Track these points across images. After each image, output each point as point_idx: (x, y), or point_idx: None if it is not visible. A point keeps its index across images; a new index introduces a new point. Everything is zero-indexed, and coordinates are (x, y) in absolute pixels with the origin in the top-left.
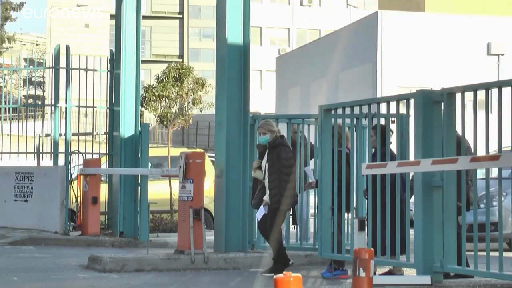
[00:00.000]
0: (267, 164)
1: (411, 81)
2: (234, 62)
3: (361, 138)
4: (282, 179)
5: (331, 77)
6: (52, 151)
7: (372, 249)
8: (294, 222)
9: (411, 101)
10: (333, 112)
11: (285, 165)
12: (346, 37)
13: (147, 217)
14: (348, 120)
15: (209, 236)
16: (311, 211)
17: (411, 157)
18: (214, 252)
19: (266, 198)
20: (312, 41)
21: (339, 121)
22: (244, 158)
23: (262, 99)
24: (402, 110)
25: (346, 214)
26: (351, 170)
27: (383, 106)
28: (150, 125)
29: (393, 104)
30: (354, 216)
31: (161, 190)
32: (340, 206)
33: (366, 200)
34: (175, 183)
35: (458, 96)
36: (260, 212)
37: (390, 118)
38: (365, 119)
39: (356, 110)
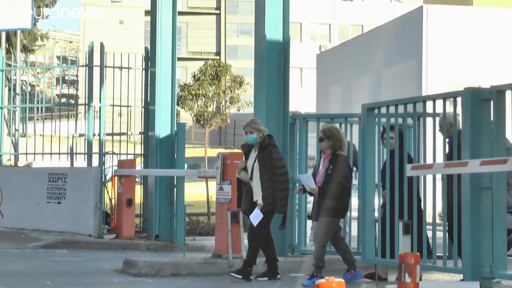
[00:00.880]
0: (256, 165)
1: (458, 78)
2: (273, 59)
3: (407, 138)
4: (275, 180)
5: (374, 75)
6: (86, 151)
7: (418, 253)
8: (283, 224)
9: (459, 99)
10: (376, 111)
11: (277, 166)
12: (390, 33)
13: (183, 220)
14: (391, 119)
15: None
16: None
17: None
18: None
19: (260, 201)
20: (354, 37)
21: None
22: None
23: (302, 97)
24: (449, 109)
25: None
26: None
27: (429, 105)
28: (186, 124)
29: (439, 103)
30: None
31: (197, 192)
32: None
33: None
34: (212, 185)
35: (508, 94)
36: (257, 217)
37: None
38: (411, 119)
39: (401, 109)
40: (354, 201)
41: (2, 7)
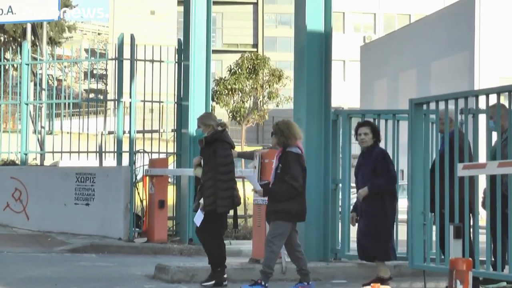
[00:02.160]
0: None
1: None
2: (314, 52)
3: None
4: (217, 179)
5: (422, 68)
6: (116, 150)
7: (470, 259)
8: (235, 226)
9: None
10: (425, 106)
11: (221, 163)
12: (440, 22)
13: None
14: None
15: None
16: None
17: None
18: None
19: (202, 201)
20: (401, 27)
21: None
22: (326, 158)
23: (345, 92)
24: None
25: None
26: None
27: (482, 100)
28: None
29: (493, 98)
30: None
31: None
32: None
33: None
34: (249, 185)
35: None
36: (198, 217)
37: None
38: (461, 115)
39: (451, 104)
40: (402, 202)
41: None
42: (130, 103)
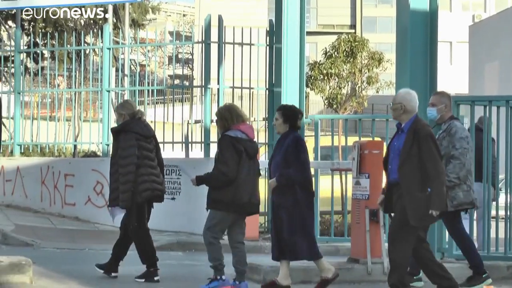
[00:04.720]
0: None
1: None
2: (418, 32)
3: None
4: (119, 172)
5: None
6: (203, 140)
7: None
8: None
9: None
10: None
11: (121, 155)
12: None
13: (316, 219)
14: None
15: None
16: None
17: None
18: None
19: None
20: None
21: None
22: None
23: (452, 76)
24: None
25: None
26: None
27: None
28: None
29: None
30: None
31: (330, 187)
32: None
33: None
34: (349, 178)
35: None
36: (113, 213)
37: None
38: None
39: None
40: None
41: None
42: (218, 89)
